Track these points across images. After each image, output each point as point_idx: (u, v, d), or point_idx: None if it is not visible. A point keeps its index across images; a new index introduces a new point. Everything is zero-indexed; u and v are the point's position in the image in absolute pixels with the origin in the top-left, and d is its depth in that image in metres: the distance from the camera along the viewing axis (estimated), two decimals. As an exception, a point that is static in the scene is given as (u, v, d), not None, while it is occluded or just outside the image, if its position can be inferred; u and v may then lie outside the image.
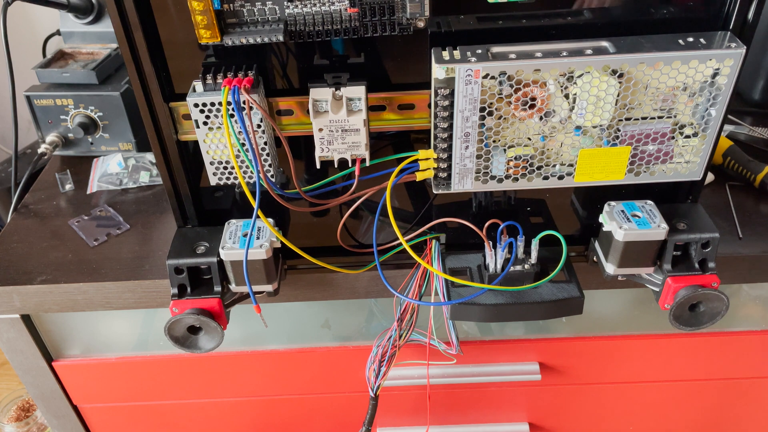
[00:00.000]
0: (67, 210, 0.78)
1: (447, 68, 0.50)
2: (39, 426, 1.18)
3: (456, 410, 0.87)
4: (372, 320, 0.77)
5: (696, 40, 0.51)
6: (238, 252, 0.58)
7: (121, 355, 0.79)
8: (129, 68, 0.54)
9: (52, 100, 0.80)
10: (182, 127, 0.58)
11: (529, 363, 0.80)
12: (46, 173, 0.85)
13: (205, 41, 0.51)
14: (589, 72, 0.51)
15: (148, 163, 0.84)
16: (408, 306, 0.64)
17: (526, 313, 0.60)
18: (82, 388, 0.82)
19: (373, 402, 0.71)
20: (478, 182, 0.57)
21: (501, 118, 0.53)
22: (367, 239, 0.67)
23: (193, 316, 0.59)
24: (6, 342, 0.75)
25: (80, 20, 0.90)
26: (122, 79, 0.82)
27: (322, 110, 0.54)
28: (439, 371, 0.79)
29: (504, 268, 0.59)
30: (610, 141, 0.55)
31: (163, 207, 0.77)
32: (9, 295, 0.68)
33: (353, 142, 0.55)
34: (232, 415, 0.86)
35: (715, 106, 0.53)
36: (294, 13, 0.51)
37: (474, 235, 0.57)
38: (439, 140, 0.55)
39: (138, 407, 0.85)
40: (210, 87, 0.54)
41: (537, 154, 0.56)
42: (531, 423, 0.88)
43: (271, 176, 0.58)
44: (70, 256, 0.71)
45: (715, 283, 0.59)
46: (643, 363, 0.81)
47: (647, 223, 0.57)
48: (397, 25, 0.51)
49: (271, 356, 0.79)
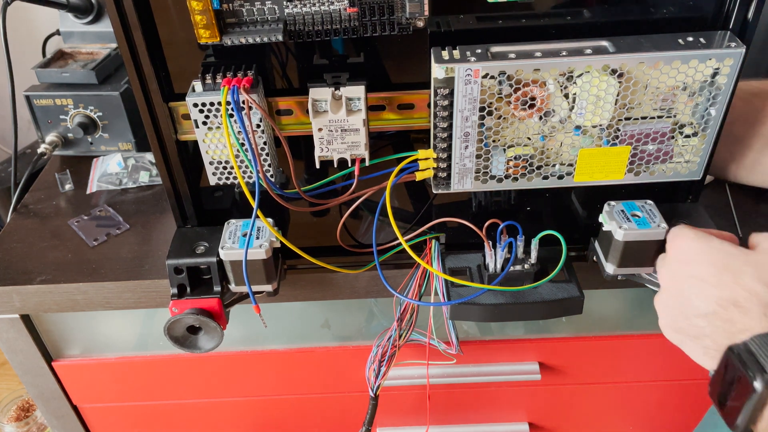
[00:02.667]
0: (67, 210, 0.78)
1: (446, 68, 0.50)
2: (39, 426, 1.18)
3: (456, 410, 0.87)
4: (372, 320, 0.77)
5: (696, 39, 0.51)
6: (238, 252, 0.58)
7: (121, 355, 0.79)
8: (128, 68, 0.54)
9: (52, 100, 0.80)
10: (182, 127, 0.58)
11: (528, 363, 0.80)
12: (45, 173, 0.85)
13: (205, 41, 0.51)
14: (589, 72, 0.51)
15: (148, 163, 0.84)
16: (408, 306, 0.64)
17: (526, 313, 0.60)
18: (82, 388, 0.82)
19: (373, 402, 0.71)
20: (477, 182, 0.57)
21: (501, 117, 0.53)
22: (366, 239, 0.67)
23: (193, 316, 0.59)
24: (6, 342, 0.75)
25: (80, 20, 0.90)
26: (122, 79, 0.82)
27: (321, 110, 0.54)
28: (439, 371, 0.79)
29: (504, 268, 0.59)
30: (610, 141, 0.55)
31: (163, 207, 0.77)
32: (9, 295, 0.68)
33: (353, 142, 0.55)
34: (232, 415, 0.86)
35: (715, 105, 0.53)
36: (293, 13, 0.51)
37: (474, 234, 0.57)
38: (438, 140, 0.55)
39: (138, 407, 0.85)
40: (209, 87, 0.54)
41: (537, 154, 0.56)
42: (531, 423, 0.88)
43: (270, 176, 0.58)
44: (69, 256, 0.71)
45: (715, 282, 0.59)
46: (643, 363, 0.81)
47: (647, 223, 0.57)
48: (397, 24, 0.51)
49: (271, 356, 0.79)
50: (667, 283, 0.53)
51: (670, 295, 0.52)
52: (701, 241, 0.51)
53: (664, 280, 0.54)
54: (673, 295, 0.52)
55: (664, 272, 0.54)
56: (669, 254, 0.54)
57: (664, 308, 0.53)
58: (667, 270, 0.53)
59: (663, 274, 0.54)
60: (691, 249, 0.51)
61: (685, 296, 0.50)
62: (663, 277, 0.54)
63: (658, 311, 0.54)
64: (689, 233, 0.52)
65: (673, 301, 0.51)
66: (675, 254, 0.53)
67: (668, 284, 0.53)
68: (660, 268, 0.56)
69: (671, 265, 0.53)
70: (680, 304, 0.50)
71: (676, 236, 0.54)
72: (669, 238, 0.55)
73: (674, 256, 0.53)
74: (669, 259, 0.54)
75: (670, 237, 0.55)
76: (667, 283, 0.53)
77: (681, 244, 0.53)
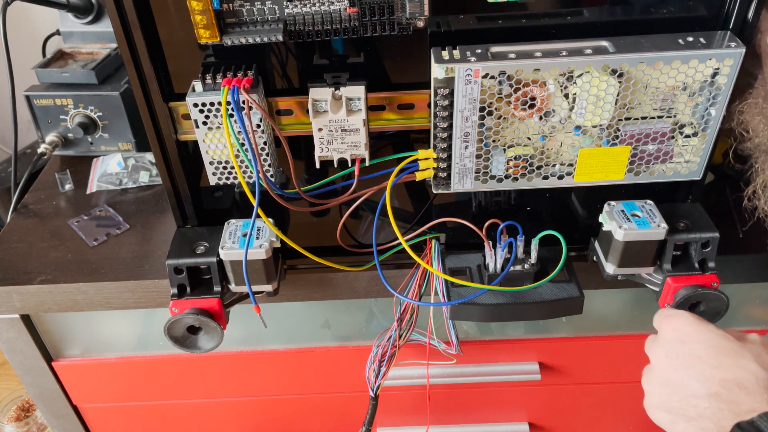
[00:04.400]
0: (67, 210, 0.78)
1: (447, 68, 0.50)
2: (39, 426, 1.18)
3: (456, 410, 0.87)
4: (372, 320, 0.77)
5: (696, 39, 0.51)
6: (238, 252, 0.58)
7: (121, 355, 0.79)
8: (128, 68, 0.54)
9: (52, 100, 0.80)
10: (182, 127, 0.58)
11: (528, 363, 0.80)
12: (45, 173, 0.85)
13: (205, 41, 0.51)
14: (589, 72, 0.51)
15: (148, 163, 0.84)
16: (408, 306, 0.64)
17: (526, 313, 0.60)
18: (82, 388, 0.82)
19: (373, 402, 0.71)
20: (477, 182, 0.57)
21: (501, 117, 0.53)
22: (366, 239, 0.67)
23: (193, 316, 0.59)
24: (6, 342, 0.75)
25: (80, 20, 0.90)
26: (122, 79, 0.82)
27: (321, 110, 0.54)
28: (439, 371, 0.79)
29: (504, 268, 0.59)
30: (610, 141, 0.55)
31: (163, 207, 0.77)
32: (9, 295, 0.68)
33: (353, 142, 0.55)
34: (232, 415, 0.86)
35: (714, 105, 0.53)
36: (293, 13, 0.51)
37: (474, 234, 0.57)
38: (438, 140, 0.55)
39: (138, 407, 0.85)
40: (209, 87, 0.54)
41: (537, 154, 0.56)
42: (531, 423, 0.88)
43: (270, 176, 0.58)
44: (69, 256, 0.71)
45: (715, 282, 0.59)
46: (643, 363, 0.80)
47: (647, 223, 0.57)
48: (397, 24, 0.51)
49: (271, 356, 0.79)
50: (660, 362, 0.52)
51: (663, 374, 0.51)
52: (700, 323, 0.51)
53: (656, 358, 0.53)
54: (667, 375, 0.51)
55: (657, 350, 0.53)
56: (663, 333, 0.53)
57: (655, 387, 0.52)
58: (661, 348, 0.52)
59: (655, 353, 0.53)
60: (690, 329, 0.51)
61: (681, 376, 0.49)
62: (655, 356, 0.53)
63: (646, 390, 0.53)
64: (686, 314, 0.52)
65: (667, 381, 0.50)
66: (671, 333, 0.52)
67: (661, 363, 0.52)
68: (651, 346, 0.54)
69: (666, 345, 0.52)
70: (676, 384, 0.49)
71: (672, 316, 0.53)
72: (662, 317, 0.54)
73: (670, 335, 0.52)
74: (663, 339, 0.53)
75: (664, 316, 0.54)
76: (660, 362, 0.52)
77: (678, 324, 0.52)
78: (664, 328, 0.53)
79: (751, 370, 0.47)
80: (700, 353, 0.49)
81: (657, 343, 0.54)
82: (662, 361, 0.52)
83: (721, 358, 0.48)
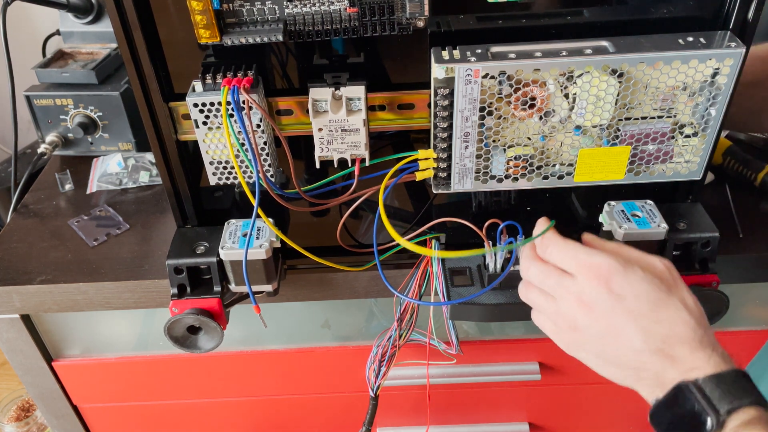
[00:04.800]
0: (67, 210, 0.78)
1: (447, 68, 0.50)
2: (39, 426, 1.18)
3: (456, 410, 0.87)
4: (372, 320, 0.77)
5: (696, 39, 0.51)
6: (238, 252, 0.58)
7: (121, 355, 0.79)
8: (128, 68, 0.54)
9: (52, 100, 0.80)
10: (182, 127, 0.58)
11: (528, 363, 0.80)
12: (45, 173, 0.85)
13: (205, 41, 0.51)
14: (589, 72, 0.51)
15: (148, 163, 0.84)
16: (408, 306, 0.64)
17: (526, 313, 0.60)
18: (82, 388, 0.82)
19: (373, 402, 0.71)
20: (477, 182, 0.57)
21: (501, 117, 0.53)
22: (366, 239, 0.67)
23: (193, 316, 0.59)
24: (6, 342, 0.75)
25: (80, 20, 0.90)
26: (122, 78, 0.82)
27: (321, 110, 0.54)
28: (439, 371, 0.79)
29: (504, 268, 0.59)
30: (610, 141, 0.55)
31: (163, 207, 0.77)
32: (9, 295, 0.68)
33: (353, 142, 0.55)
34: (232, 415, 0.86)
35: (714, 105, 0.53)
36: (293, 13, 0.51)
37: (474, 234, 0.57)
38: (438, 140, 0.55)
39: (138, 407, 0.85)
40: (209, 87, 0.54)
41: (537, 154, 0.56)
42: (531, 423, 0.88)
43: (270, 176, 0.58)
44: (69, 256, 0.71)
45: (715, 282, 0.59)
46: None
47: (647, 223, 0.57)
48: (397, 24, 0.51)
49: (271, 356, 0.79)
50: (589, 312, 0.49)
51: (597, 325, 0.48)
52: (627, 271, 0.48)
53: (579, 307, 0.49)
54: (601, 327, 0.48)
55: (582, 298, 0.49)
56: (590, 282, 0.48)
57: (581, 335, 0.50)
58: (586, 296, 0.48)
59: (578, 300, 0.49)
60: (623, 281, 0.48)
61: (620, 331, 0.48)
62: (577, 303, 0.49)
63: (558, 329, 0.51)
64: (611, 260, 0.48)
65: (602, 333, 0.48)
66: (602, 285, 0.48)
67: (592, 314, 0.49)
68: (557, 288, 0.50)
69: (597, 296, 0.48)
70: (614, 336, 0.48)
71: (596, 266, 0.48)
72: (578, 260, 0.49)
73: (599, 286, 0.48)
74: (589, 288, 0.49)
75: (582, 260, 0.49)
76: (586, 311, 0.49)
77: (607, 275, 0.48)
78: (586, 273, 0.49)
79: (685, 320, 0.47)
80: (640, 309, 0.47)
81: (577, 289, 0.49)
82: (592, 312, 0.48)
83: (660, 312, 0.47)
